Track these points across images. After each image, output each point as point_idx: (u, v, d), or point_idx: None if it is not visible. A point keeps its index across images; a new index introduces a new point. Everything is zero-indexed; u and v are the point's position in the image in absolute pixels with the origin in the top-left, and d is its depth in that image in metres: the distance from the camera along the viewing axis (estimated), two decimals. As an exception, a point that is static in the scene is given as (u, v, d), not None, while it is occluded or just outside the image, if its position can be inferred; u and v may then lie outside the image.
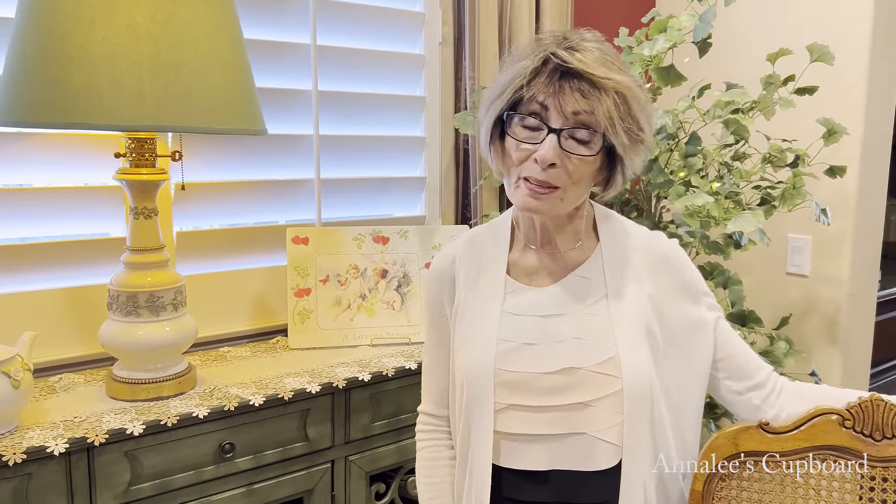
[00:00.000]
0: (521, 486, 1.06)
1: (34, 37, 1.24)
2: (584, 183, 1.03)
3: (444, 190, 2.16)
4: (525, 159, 1.01)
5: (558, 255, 1.11)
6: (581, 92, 0.97)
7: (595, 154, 1.00)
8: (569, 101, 0.98)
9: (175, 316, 1.46)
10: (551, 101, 0.98)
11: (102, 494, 1.33)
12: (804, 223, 2.31)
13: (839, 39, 2.13)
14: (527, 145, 1.00)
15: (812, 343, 2.34)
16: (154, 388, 1.44)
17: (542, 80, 0.98)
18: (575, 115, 0.98)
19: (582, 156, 0.99)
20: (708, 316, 1.11)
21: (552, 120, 0.99)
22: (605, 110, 0.97)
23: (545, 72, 0.99)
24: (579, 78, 0.97)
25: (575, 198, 1.04)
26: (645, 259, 1.11)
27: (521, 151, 1.01)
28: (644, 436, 1.03)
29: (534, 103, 1.00)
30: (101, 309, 1.63)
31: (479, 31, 2.09)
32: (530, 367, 1.05)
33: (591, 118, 0.98)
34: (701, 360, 1.10)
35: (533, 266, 1.12)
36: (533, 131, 1.00)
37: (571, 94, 0.97)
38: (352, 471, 1.65)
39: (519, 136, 1.01)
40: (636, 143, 1.02)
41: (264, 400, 1.47)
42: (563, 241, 1.11)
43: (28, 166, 1.58)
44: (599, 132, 0.99)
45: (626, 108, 0.99)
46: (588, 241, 1.13)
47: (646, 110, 1.02)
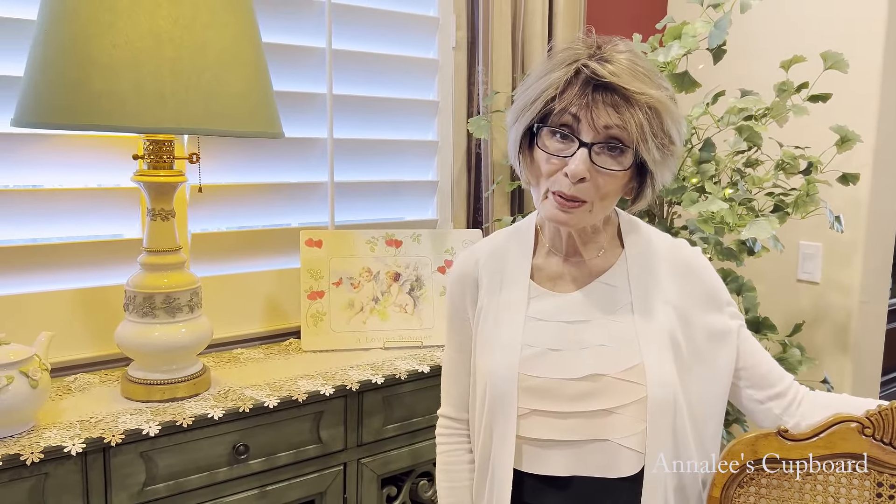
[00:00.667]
0: (542, 491, 1.06)
1: (57, 40, 1.24)
2: (612, 196, 1.03)
3: (455, 194, 2.17)
4: (554, 172, 1.01)
5: (583, 261, 1.11)
6: (614, 106, 0.96)
7: (626, 169, 1.00)
8: (601, 116, 0.96)
9: (191, 317, 1.47)
10: (583, 115, 0.97)
11: (118, 494, 1.33)
12: (815, 230, 2.30)
13: (853, 47, 2.13)
14: (557, 158, 1.00)
15: (823, 350, 2.33)
16: (169, 389, 1.45)
17: (574, 92, 0.97)
18: (606, 129, 0.97)
19: (612, 170, 0.99)
20: (731, 325, 1.11)
21: (583, 133, 0.98)
22: (637, 125, 0.96)
23: (577, 84, 0.97)
24: (612, 91, 0.96)
25: (603, 210, 1.04)
26: (669, 267, 1.11)
27: (550, 164, 1.01)
28: (667, 443, 1.03)
29: (565, 115, 0.99)
30: (116, 310, 1.63)
31: (493, 37, 2.10)
32: (555, 372, 1.05)
33: (623, 133, 0.97)
34: (724, 368, 1.10)
35: (557, 272, 1.12)
36: (563, 144, 1.00)
37: (604, 109, 0.96)
38: (364, 474, 1.65)
39: (549, 149, 1.00)
40: (667, 158, 1.02)
41: (278, 402, 1.47)
42: (588, 249, 1.11)
43: (44, 168, 1.59)
44: (631, 147, 0.98)
45: (659, 122, 0.98)
46: (612, 248, 1.13)
47: (677, 123, 1.01)
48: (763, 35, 2.41)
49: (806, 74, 1.90)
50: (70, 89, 1.21)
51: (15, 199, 1.56)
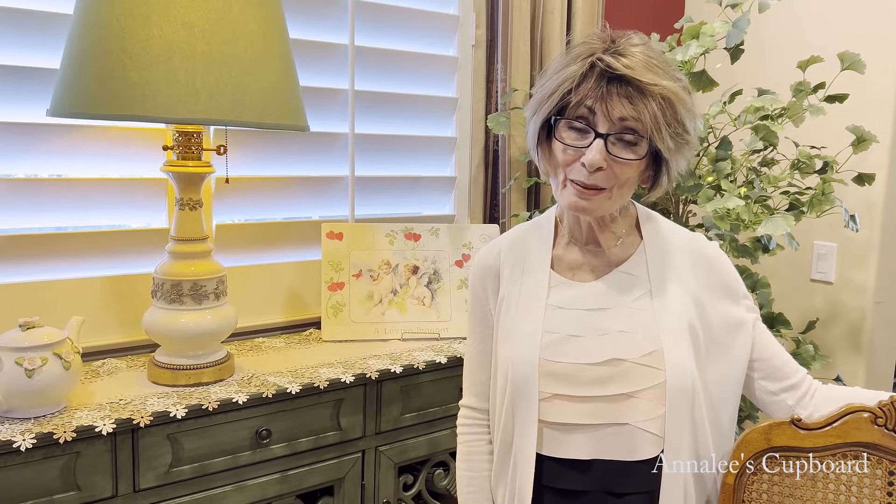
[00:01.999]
0: (562, 474, 1.09)
1: (93, 32, 1.29)
2: (630, 184, 1.06)
3: (473, 190, 2.20)
4: (572, 162, 1.04)
5: (602, 251, 1.15)
6: (628, 98, 1.00)
7: (641, 158, 1.03)
8: (616, 107, 1.00)
9: (217, 305, 1.51)
10: (598, 107, 1.01)
11: (145, 475, 1.37)
12: (830, 230, 2.32)
13: (870, 48, 2.14)
14: (573, 149, 1.03)
15: (836, 350, 2.35)
16: (195, 374, 1.49)
17: (590, 84, 1.01)
18: (622, 120, 1.01)
19: (628, 160, 1.02)
20: (747, 317, 1.14)
21: (599, 125, 1.02)
22: (651, 116, 1.00)
23: (592, 77, 1.01)
24: (626, 83, 1.00)
25: (621, 198, 1.07)
26: (687, 259, 1.13)
27: (567, 154, 1.04)
28: (685, 428, 1.06)
29: (581, 108, 1.02)
30: (141, 297, 1.68)
31: (512, 35, 2.13)
32: (575, 358, 1.08)
33: (638, 123, 1.01)
34: (739, 359, 1.12)
35: (577, 262, 1.15)
36: (580, 135, 1.03)
37: (619, 100, 1.00)
38: (381, 461, 1.69)
39: (566, 140, 1.04)
40: (681, 146, 1.05)
41: (300, 388, 1.51)
42: (607, 238, 1.14)
43: (75, 158, 1.63)
44: (645, 137, 1.02)
45: (673, 112, 1.02)
46: (631, 238, 1.16)
47: (691, 113, 1.05)
48: (780, 35, 2.42)
49: (823, 75, 1.92)
50: (107, 80, 1.26)
51: (47, 188, 1.61)
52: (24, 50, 1.55)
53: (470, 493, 1.21)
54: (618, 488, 1.08)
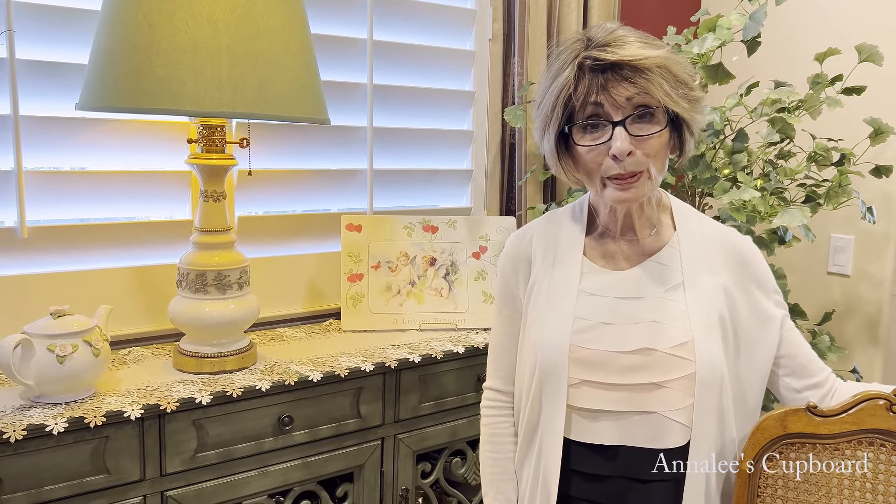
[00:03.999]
0: (589, 458, 1.11)
1: (121, 28, 1.32)
2: (661, 156, 1.08)
3: (489, 183, 2.22)
4: (601, 160, 1.06)
5: (636, 241, 1.16)
6: (627, 79, 1.02)
7: (664, 128, 1.05)
8: (619, 92, 1.02)
9: (240, 294, 1.54)
10: (604, 98, 1.03)
11: (171, 459, 1.41)
12: (847, 223, 2.31)
13: (888, 40, 2.14)
14: (598, 147, 1.05)
15: (853, 342, 2.35)
16: (219, 362, 1.52)
17: (586, 82, 1.03)
18: (630, 101, 1.03)
19: (651, 133, 1.04)
20: (776, 312, 1.15)
21: (612, 114, 1.03)
22: (657, 86, 1.02)
23: (585, 75, 1.03)
24: (620, 68, 1.02)
25: (659, 172, 1.09)
26: (720, 251, 1.15)
27: (594, 153, 1.06)
28: (712, 418, 1.07)
29: (588, 106, 1.04)
30: (166, 287, 1.71)
31: (529, 29, 2.15)
32: (607, 345, 1.09)
33: (647, 98, 1.03)
34: (765, 353, 1.14)
35: (610, 250, 1.16)
36: (598, 130, 1.05)
37: (620, 85, 1.02)
38: (400, 449, 1.72)
39: (587, 142, 1.06)
40: (694, 103, 1.07)
41: (322, 376, 1.54)
42: (642, 227, 1.16)
43: (102, 151, 1.67)
44: (660, 107, 1.04)
45: (673, 76, 1.04)
46: (664, 229, 1.17)
47: (687, 68, 1.07)
48: (797, 27, 2.42)
49: (840, 67, 1.92)
50: (135, 75, 1.29)
51: (77, 180, 1.65)
52: (53, 45, 1.58)
53: (495, 474, 1.22)
54: (643, 475, 1.09)
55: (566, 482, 1.12)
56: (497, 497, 1.22)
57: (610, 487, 1.11)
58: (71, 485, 1.31)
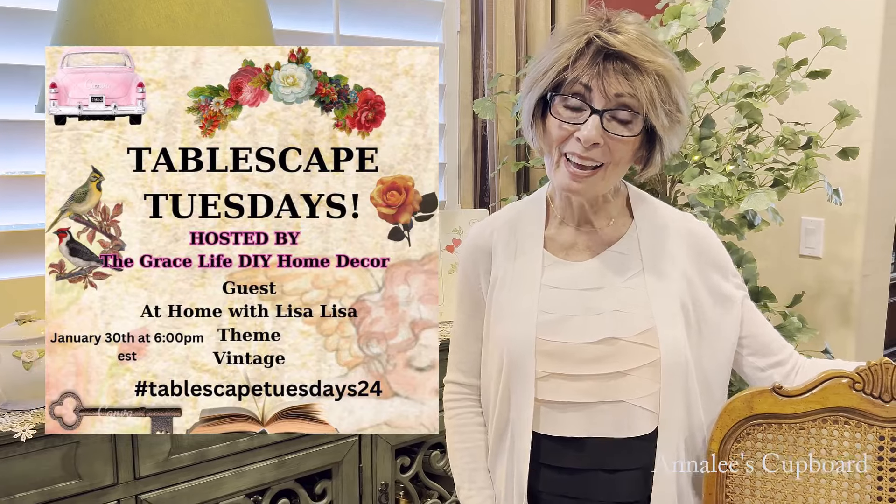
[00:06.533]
0: (559, 452, 1.11)
1: (78, 28, 1.30)
2: (623, 163, 1.08)
3: (462, 175, 2.22)
4: (566, 138, 1.05)
5: (594, 231, 1.16)
6: (624, 74, 1.01)
7: (636, 135, 1.04)
8: (612, 83, 1.01)
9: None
10: (595, 83, 1.02)
11: (144, 462, 1.40)
12: (817, 206, 2.34)
13: (852, 23, 2.16)
14: (569, 125, 1.04)
15: (826, 324, 2.38)
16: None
17: (586, 61, 1.02)
18: (617, 96, 1.02)
19: (623, 136, 1.03)
20: (736, 294, 1.16)
21: (595, 101, 1.03)
22: (646, 93, 1.01)
23: (588, 53, 1.02)
24: (622, 60, 1.01)
25: (615, 177, 1.09)
26: (679, 237, 1.15)
27: (562, 130, 1.05)
28: (679, 403, 1.09)
29: (577, 84, 1.03)
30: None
31: (497, 20, 2.14)
32: (571, 337, 1.10)
33: (633, 100, 1.02)
34: (728, 335, 1.15)
35: (569, 241, 1.16)
36: (575, 111, 1.04)
37: (615, 76, 1.01)
38: (378, 444, 1.72)
39: (562, 116, 1.05)
40: (675, 124, 1.06)
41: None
42: (599, 219, 1.16)
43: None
44: (640, 114, 1.03)
45: (667, 90, 1.03)
46: (622, 218, 1.17)
47: (684, 91, 1.06)
48: (762, 13, 2.43)
49: (805, 51, 1.94)
50: (93, 75, 1.27)
51: (39, 184, 1.62)
52: (9, 48, 1.56)
53: (466, 464, 1.22)
54: (613, 465, 1.10)
55: (535, 477, 1.13)
56: (471, 487, 1.21)
57: (579, 480, 1.11)
58: (42, 492, 1.30)
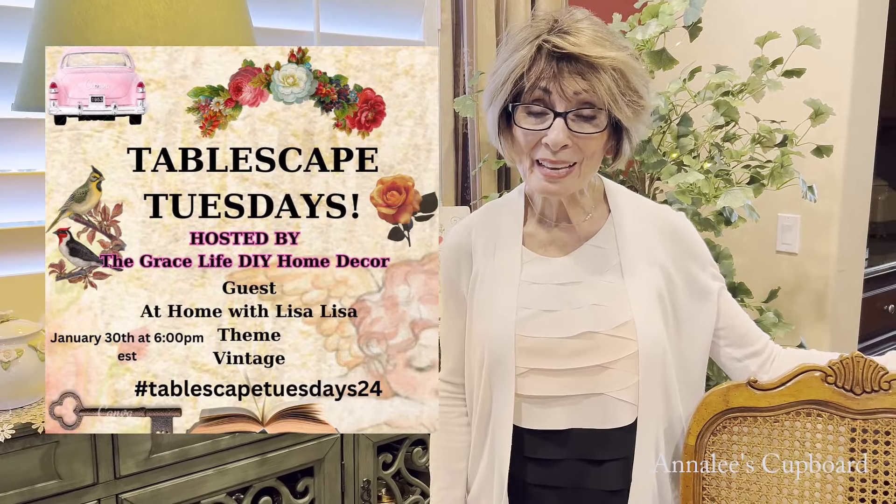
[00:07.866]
0: (540, 445, 1.13)
1: (55, 25, 1.29)
2: (596, 157, 1.09)
3: (444, 173, 2.23)
4: (535, 144, 1.06)
5: (571, 226, 1.17)
6: (580, 74, 1.02)
7: (602, 130, 1.05)
8: (569, 84, 1.02)
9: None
10: (553, 86, 1.03)
11: (125, 462, 1.39)
12: (794, 203, 2.38)
13: (826, 23, 2.19)
14: (535, 132, 1.05)
15: (802, 318, 2.42)
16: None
17: (541, 66, 1.03)
18: (577, 95, 1.03)
19: (590, 133, 1.05)
20: (713, 285, 1.18)
21: (556, 104, 1.04)
22: (605, 88, 1.02)
23: (541, 58, 1.03)
24: (576, 60, 1.02)
25: (590, 171, 1.10)
26: (655, 229, 1.17)
27: (529, 137, 1.06)
28: (657, 395, 1.10)
29: (536, 90, 1.04)
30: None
31: (477, 18, 2.15)
32: (550, 332, 1.11)
33: (594, 97, 1.03)
34: (705, 326, 1.17)
35: (548, 238, 1.18)
36: (539, 117, 1.05)
37: (571, 77, 1.02)
38: (360, 441, 1.72)
39: (526, 124, 1.06)
40: (638, 112, 1.07)
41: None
42: (576, 214, 1.17)
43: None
44: (603, 109, 1.04)
45: (626, 82, 1.04)
46: (599, 212, 1.18)
47: (643, 78, 1.08)
48: (738, 12, 2.47)
49: (780, 50, 1.97)
50: (70, 72, 1.26)
51: (15, 182, 1.61)
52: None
53: (441, 460, 1.24)
54: (595, 455, 1.12)
55: (521, 469, 1.14)
56: (441, 487, 1.24)
57: (564, 471, 1.13)
58: (21, 492, 1.29)
